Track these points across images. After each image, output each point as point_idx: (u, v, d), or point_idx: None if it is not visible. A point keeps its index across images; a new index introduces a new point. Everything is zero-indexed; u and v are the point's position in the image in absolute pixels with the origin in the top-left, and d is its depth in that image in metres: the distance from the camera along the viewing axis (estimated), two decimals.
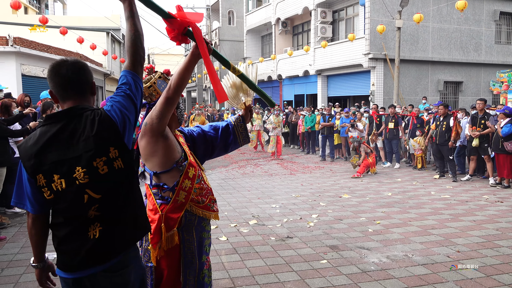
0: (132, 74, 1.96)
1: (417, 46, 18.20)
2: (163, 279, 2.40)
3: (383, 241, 5.27)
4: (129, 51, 1.98)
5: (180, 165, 2.37)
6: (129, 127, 1.90)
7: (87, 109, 1.87)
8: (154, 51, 47.51)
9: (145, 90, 2.49)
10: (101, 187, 1.82)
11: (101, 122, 1.83)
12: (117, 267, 1.88)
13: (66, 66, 1.91)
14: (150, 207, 2.40)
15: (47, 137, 1.83)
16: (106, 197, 1.84)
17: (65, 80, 1.89)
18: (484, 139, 9.27)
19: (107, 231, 1.84)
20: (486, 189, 8.73)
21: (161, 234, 2.32)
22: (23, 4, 30.37)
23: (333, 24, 21.06)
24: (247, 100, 2.92)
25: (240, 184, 9.29)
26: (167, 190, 2.36)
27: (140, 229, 2.00)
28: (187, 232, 2.42)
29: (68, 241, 1.84)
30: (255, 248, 4.98)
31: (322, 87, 21.06)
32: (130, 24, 1.99)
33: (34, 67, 16.29)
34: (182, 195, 2.36)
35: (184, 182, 2.36)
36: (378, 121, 12.49)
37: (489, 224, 6.02)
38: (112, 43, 27.92)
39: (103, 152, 1.82)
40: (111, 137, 1.84)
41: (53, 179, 1.80)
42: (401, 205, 7.28)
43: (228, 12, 32.78)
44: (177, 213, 2.35)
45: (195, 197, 2.42)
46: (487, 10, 19.48)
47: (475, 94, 19.22)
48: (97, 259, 1.83)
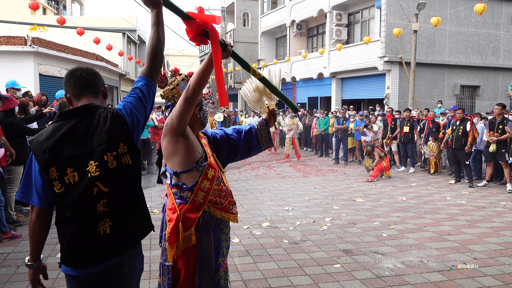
0: (146, 80, 2.08)
1: (434, 49, 17.99)
2: (180, 279, 2.41)
3: (397, 246, 5.20)
4: (148, 56, 2.10)
5: (200, 165, 2.39)
6: (137, 126, 2.02)
7: (100, 107, 2.01)
8: (169, 52, 47.80)
9: (168, 92, 2.52)
10: (110, 180, 1.91)
11: (113, 118, 1.96)
12: (126, 260, 1.97)
13: (81, 70, 2.09)
14: (170, 206, 2.42)
15: (62, 132, 1.92)
16: (113, 191, 1.92)
17: (80, 80, 2.05)
18: (501, 144, 9.10)
19: (117, 227, 1.92)
20: (503, 195, 8.56)
21: (179, 233, 2.33)
22: (41, 5, 30.87)
23: (348, 26, 20.94)
24: (270, 104, 2.89)
25: (253, 186, 9.28)
26: (186, 190, 2.37)
27: (145, 228, 2.09)
28: (204, 232, 2.41)
29: (79, 237, 1.89)
30: (268, 251, 4.96)
31: (337, 90, 20.95)
32: (154, 31, 2.10)
33: (51, 67, 16.53)
34: (201, 196, 2.37)
35: (203, 183, 2.38)
36: (392, 125, 12.37)
37: (507, 231, 5.90)
38: (128, 44, 28.20)
39: (114, 147, 1.92)
40: (121, 134, 1.95)
41: (66, 172, 1.88)
42: (416, 210, 7.18)
43: (243, 14, 32.85)
44: (195, 213, 2.36)
45: (213, 198, 2.42)
46: (506, 14, 19.16)
47: (493, 99, 18.91)
48: (109, 254, 1.90)
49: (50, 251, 4.77)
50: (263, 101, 2.91)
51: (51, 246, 4.93)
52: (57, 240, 2.01)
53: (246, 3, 32.46)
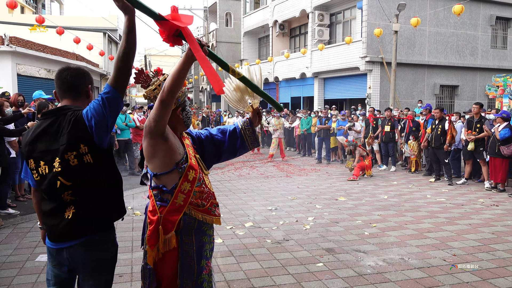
0: (110, 89, 2.15)
1: (414, 49, 18.27)
2: (162, 282, 2.38)
3: (379, 244, 5.26)
4: (114, 65, 2.15)
5: (180, 167, 2.37)
6: (98, 130, 2.15)
7: (70, 109, 2.22)
8: (150, 52, 47.45)
9: (150, 93, 2.49)
10: (71, 176, 2.17)
11: (75, 122, 2.16)
12: (90, 243, 2.23)
13: (67, 71, 2.33)
14: (150, 208, 2.41)
15: (40, 130, 2.24)
16: (76, 185, 2.18)
17: (64, 82, 2.32)
18: (479, 143, 9.30)
19: (78, 215, 2.19)
20: (481, 193, 8.75)
21: (159, 236, 2.32)
22: (20, 4, 30.23)
23: (330, 27, 21.11)
24: (254, 103, 2.83)
25: (236, 186, 9.27)
26: (166, 192, 2.36)
27: (108, 218, 2.31)
28: (186, 235, 2.38)
29: (51, 216, 2.25)
30: (251, 251, 4.96)
31: (319, 90, 21.09)
32: (123, 39, 2.12)
33: (30, 67, 16.20)
34: (181, 198, 2.35)
35: (183, 185, 2.36)
36: (374, 124, 12.52)
37: (484, 228, 6.03)
38: (109, 44, 27.84)
39: (74, 148, 2.15)
40: (81, 136, 2.15)
41: (40, 164, 2.22)
42: (397, 208, 7.28)
43: (225, 14, 32.78)
44: (175, 216, 2.34)
45: (194, 200, 2.40)
46: (484, 15, 19.59)
47: (471, 98, 19.31)
48: (71, 235, 2.21)
49: (29, 255, 4.68)
50: (245, 100, 2.84)
51: (29, 249, 4.84)
52: (36, 243, 2.13)
53: (228, 3, 32.41)
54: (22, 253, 4.76)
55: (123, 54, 2.10)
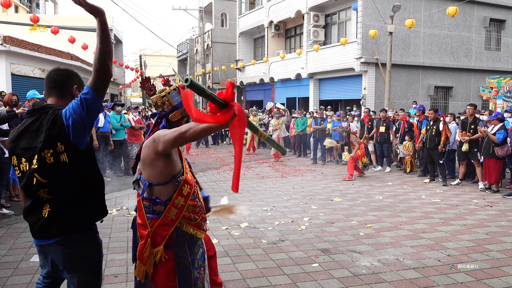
0: (89, 90, 2.16)
1: (409, 51, 18.36)
2: None
3: (374, 244, 5.28)
4: (93, 68, 2.18)
5: (176, 180, 2.34)
6: (74, 130, 2.17)
7: (52, 108, 2.27)
8: (146, 52, 47.29)
9: (158, 99, 2.46)
10: (47, 173, 2.20)
11: (54, 120, 2.19)
12: (66, 242, 2.26)
13: (55, 71, 2.40)
14: (140, 221, 2.37)
15: (23, 127, 2.29)
16: (52, 183, 2.21)
17: (50, 81, 2.39)
18: (473, 144, 9.35)
19: (53, 214, 2.23)
20: (475, 194, 8.80)
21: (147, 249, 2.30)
22: (14, 3, 30.06)
23: (325, 27, 21.16)
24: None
25: None
26: (158, 204, 2.32)
27: (85, 219, 2.33)
28: (179, 248, 2.37)
29: (29, 214, 2.30)
30: (247, 251, 4.96)
31: (314, 91, 21.13)
32: (97, 41, 2.15)
33: (24, 66, 16.11)
34: (173, 212, 2.32)
35: (177, 199, 2.33)
36: (369, 125, 12.56)
37: (479, 228, 6.06)
38: None
39: (51, 146, 2.18)
40: (58, 134, 2.18)
41: (21, 161, 2.27)
42: (392, 208, 7.31)
43: (221, 14, 32.77)
44: (166, 230, 2.31)
45: (187, 214, 2.37)
46: (477, 17, 19.72)
47: (465, 99, 19.43)
48: (48, 234, 2.25)
49: (23, 255, 4.65)
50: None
51: (24, 250, 4.81)
52: (31, 243, 2.17)
53: (224, 4, 32.40)
54: (17, 254, 4.73)
55: (99, 56, 2.12)
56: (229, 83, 2.09)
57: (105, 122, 9.70)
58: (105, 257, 4.68)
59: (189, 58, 38.29)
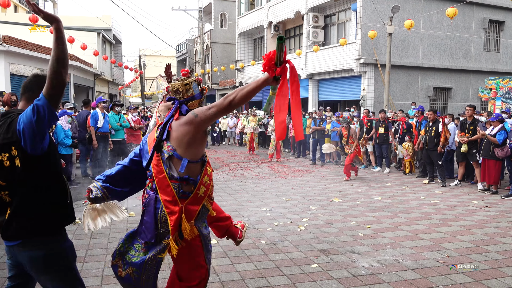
0: (41, 96, 2.17)
1: (408, 52, 18.38)
2: (182, 272, 2.61)
3: (373, 245, 5.28)
4: (47, 74, 2.18)
5: (203, 159, 2.60)
6: (25, 135, 2.19)
7: (14, 113, 2.32)
8: (145, 52, 47.26)
9: (181, 86, 2.62)
10: (5, 176, 2.25)
11: (9, 125, 2.25)
12: (26, 245, 2.28)
13: (31, 76, 2.46)
14: (169, 198, 2.49)
15: None
16: (10, 186, 2.25)
17: (22, 87, 2.45)
18: (472, 145, 9.36)
19: (12, 216, 2.27)
20: (474, 195, 8.81)
21: (181, 224, 2.48)
22: (13, 3, 30.05)
23: (325, 28, 21.17)
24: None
25: (231, 187, 9.26)
26: (188, 184, 2.52)
27: (44, 224, 2.32)
28: (200, 224, 2.64)
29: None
30: (246, 252, 4.96)
31: (313, 91, 21.14)
32: (52, 48, 2.15)
33: (23, 66, 16.10)
34: (202, 190, 2.57)
35: (204, 178, 2.58)
36: (368, 126, 12.57)
37: (477, 229, 6.07)
38: (103, 44, 27.72)
39: (7, 149, 2.23)
40: (11, 138, 2.23)
41: None
42: (391, 209, 7.32)
43: (220, 14, 32.78)
44: (196, 206, 2.52)
45: (210, 193, 2.62)
46: (477, 18, 19.75)
47: (464, 101, 19.45)
48: (9, 236, 2.29)
49: None
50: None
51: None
52: None
53: (223, 4, 32.41)
54: None
55: (52, 62, 2.12)
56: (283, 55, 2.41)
57: (104, 122, 9.69)
58: (104, 257, 4.69)
59: (188, 59, 38.27)
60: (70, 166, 8.84)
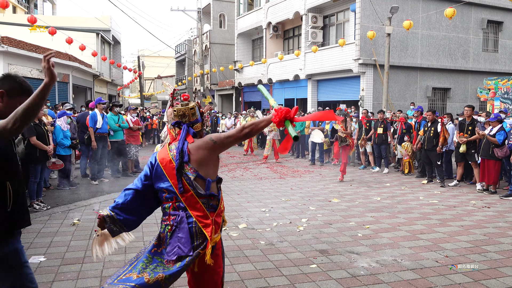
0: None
1: (407, 52, 18.40)
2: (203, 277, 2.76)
3: (372, 245, 5.28)
4: (14, 113, 2.17)
5: (218, 177, 2.86)
6: None
7: None
8: (144, 53, 47.24)
9: (186, 110, 2.80)
10: None
11: None
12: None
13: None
14: (200, 213, 2.67)
15: None
16: None
17: None
18: (471, 145, 9.37)
19: None
20: (473, 195, 8.82)
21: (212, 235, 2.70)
22: (11, 3, 30.03)
23: (323, 29, 21.19)
24: None
25: (230, 188, 9.26)
26: (214, 199, 2.75)
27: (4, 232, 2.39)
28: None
29: None
30: (245, 252, 4.96)
31: (312, 92, 21.15)
32: (33, 97, 2.17)
33: (22, 67, 16.09)
34: (222, 204, 2.86)
35: (221, 192, 2.86)
36: (367, 126, 12.58)
37: (476, 229, 6.08)
38: (101, 44, 27.70)
39: None
40: None
41: None
42: (390, 210, 7.32)
43: (219, 15, 32.78)
44: (219, 218, 2.78)
45: (222, 207, 2.87)
46: (475, 18, 19.79)
47: (463, 101, 19.48)
48: None
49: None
50: None
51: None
52: (29, 244, 2.11)
53: (222, 5, 32.41)
54: None
55: (24, 110, 2.14)
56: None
57: (103, 123, 9.69)
58: (103, 258, 4.67)
59: (187, 59, 38.28)
60: (69, 167, 8.83)
